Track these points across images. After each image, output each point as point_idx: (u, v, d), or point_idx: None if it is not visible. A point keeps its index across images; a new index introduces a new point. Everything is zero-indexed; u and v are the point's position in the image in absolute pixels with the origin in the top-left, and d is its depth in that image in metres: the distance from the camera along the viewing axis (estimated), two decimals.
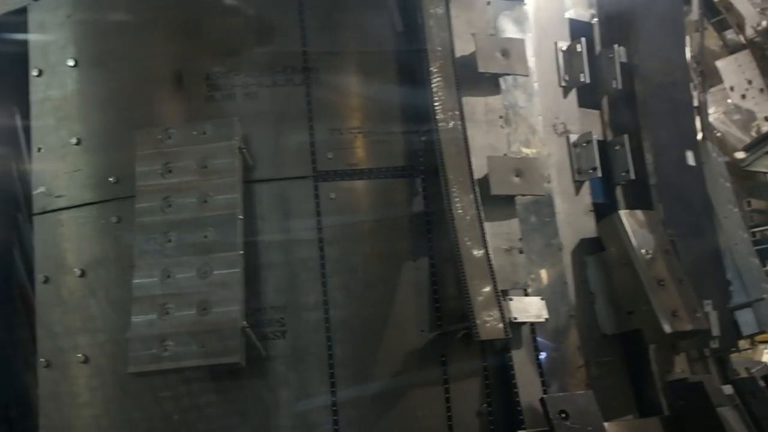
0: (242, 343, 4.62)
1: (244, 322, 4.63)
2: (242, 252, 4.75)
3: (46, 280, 5.28)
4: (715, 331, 5.50)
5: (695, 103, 6.08)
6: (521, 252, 5.09)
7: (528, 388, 4.95)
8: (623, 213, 5.39)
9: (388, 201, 5.15)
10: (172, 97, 5.16)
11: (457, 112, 5.13)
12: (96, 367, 5.06)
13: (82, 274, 5.15)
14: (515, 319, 4.94)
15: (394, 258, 5.05)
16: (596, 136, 5.60)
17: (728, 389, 5.44)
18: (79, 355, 5.10)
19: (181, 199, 4.83)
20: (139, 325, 4.68)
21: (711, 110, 7.87)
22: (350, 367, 4.92)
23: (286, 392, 4.87)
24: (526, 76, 5.48)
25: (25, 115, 5.82)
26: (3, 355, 6.19)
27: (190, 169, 4.87)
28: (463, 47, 5.28)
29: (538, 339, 5.13)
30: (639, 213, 5.42)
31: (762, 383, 5.56)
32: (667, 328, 5.19)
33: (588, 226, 5.53)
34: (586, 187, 5.60)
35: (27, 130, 6.10)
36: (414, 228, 5.11)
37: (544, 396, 4.80)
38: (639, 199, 5.62)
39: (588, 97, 5.83)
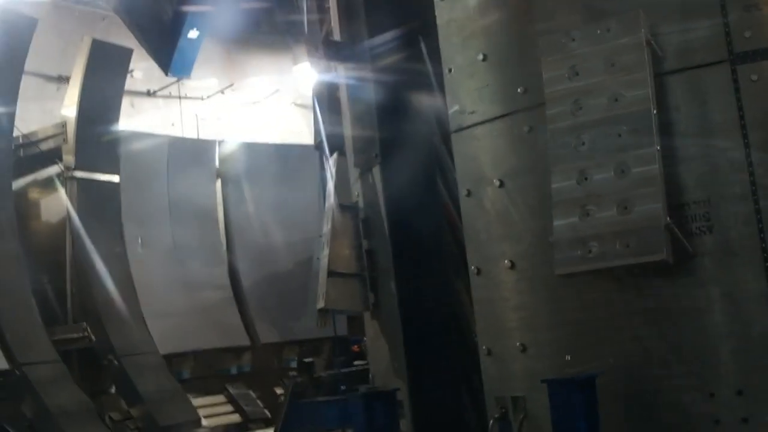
0: (668, 241, 4.64)
1: (668, 219, 4.59)
2: (659, 147, 4.70)
3: (469, 194, 5.77)
4: None
5: None
6: None
7: None
8: None
9: None
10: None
11: None
12: (523, 272, 5.49)
13: (501, 185, 5.55)
14: None
15: None
16: None
17: None
18: (506, 261, 5.52)
19: (591, 101, 4.97)
20: (562, 228, 4.98)
21: None
22: None
23: (717, 289, 4.85)
24: None
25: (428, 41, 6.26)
26: (438, 268, 6.88)
27: (597, 70, 4.98)
28: None
29: None
30: None
31: None
32: None
33: None
34: None
35: (431, 54, 6.58)
36: None
37: None
38: None
39: None
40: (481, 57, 5.65)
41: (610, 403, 4.93)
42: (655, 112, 4.79)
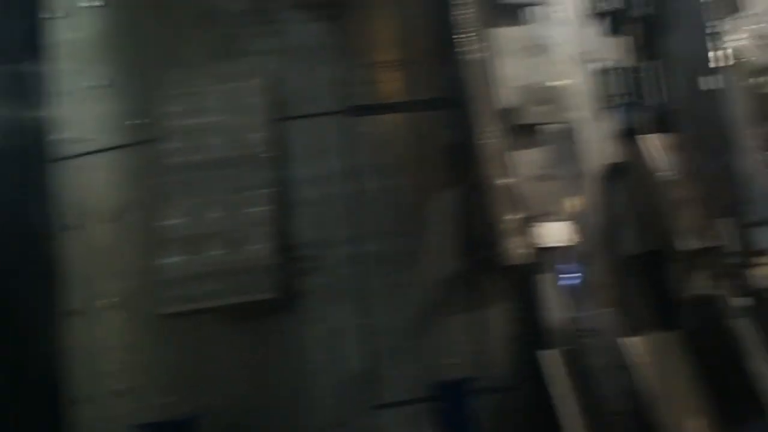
0: (275, 280, 4.12)
1: (276, 259, 4.05)
2: (273, 189, 4.18)
3: (72, 227, 4.76)
4: (733, 247, 4.96)
5: (715, 29, 5.40)
6: (548, 178, 4.53)
7: (554, 310, 4.59)
8: (646, 137, 4.82)
9: (419, 133, 4.68)
10: (198, 35, 4.51)
11: (483, 43, 4.56)
12: (129, 312, 4.62)
13: (110, 219, 4.62)
14: (542, 243, 4.48)
15: (426, 189, 4.62)
16: (621, 62, 5.02)
17: (745, 302, 4.95)
18: (111, 300, 4.63)
19: (208, 139, 4.29)
20: (170, 266, 4.27)
21: (737, 36, 7.16)
22: (383, 298, 4.53)
23: (321, 326, 4.48)
24: (550, 5, 4.81)
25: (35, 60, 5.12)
26: (29, 307, 5.51)
27: (217, 109, 4.27)
28: None
29: (565, 261, 4.60)
30: (661, 136, 4.88)
31: None
32: (686, 245, 4.72)
33: (613, 151, 4.97)
34: (611, 113, 5.00)
35: (40, 75, 5.39)
36: (445, 159, 4.65)
37: (570, 316, 4.50)
38: (662, 123, 5.05)
39: (613, 25, 5.19)
40: (99, 83, 4.71)
41: None
42: (270, 154, 4.26)
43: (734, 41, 6.24)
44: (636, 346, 4.59)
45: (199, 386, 4.34)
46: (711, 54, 5.11)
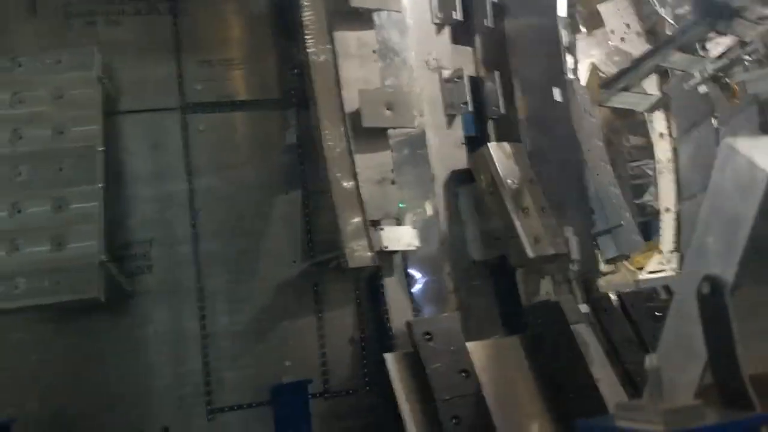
0: (101, 278, 3.74)
1: (104, 257, 3.68)
2: (102, 185, 3.85)
3: None
4: (575, 255, 4.79)
5: (564, 42, 5.20)
6: (393, 183, 4.27)
7: (399, 314, 4.33)
8: (492, 145, 4.68)
9: (259, 133, 4.40)
10: (25, 23, 4.11)
11: (328, 45, 4.28)
12: None
13: None
14: (386, 247, 4.21)
15: (266, 190, 4.32)
16: (468, 72, 4.80)
17: (585, 308, 4.77)
18: None
19: (33, 131, 3.89)
20: None
21: (594, 52, 7.14)
22: (221, 299, 4.20)
23: (154, 327, 4.11)
24: (399, 12, 4.55)
25: None
26: None
27: (43, 100, 3.89)
28: None
29: (410, 266, 4.33)
30: (507, 145, 4.73)
31: (617, 301, 4.91)
32: (530, 253, 4.57)
33: (459, 158, 4.83)
34: (457, 121, 4.85)
35: None
36: (286, 160, 4.37)
37: (410, 320, 4.19)
38: (508, 132, 4.88)
39: (461, 35, 4.96)
40: None
41: None
42: (101, 149, 3.87)
43: (586, 56, 6.18)
44: (479, 350, 4.35)
45: (20, 391, 3.87)
46: (562, 66, 4.93)
